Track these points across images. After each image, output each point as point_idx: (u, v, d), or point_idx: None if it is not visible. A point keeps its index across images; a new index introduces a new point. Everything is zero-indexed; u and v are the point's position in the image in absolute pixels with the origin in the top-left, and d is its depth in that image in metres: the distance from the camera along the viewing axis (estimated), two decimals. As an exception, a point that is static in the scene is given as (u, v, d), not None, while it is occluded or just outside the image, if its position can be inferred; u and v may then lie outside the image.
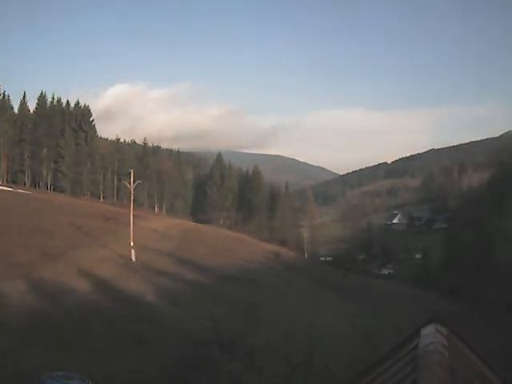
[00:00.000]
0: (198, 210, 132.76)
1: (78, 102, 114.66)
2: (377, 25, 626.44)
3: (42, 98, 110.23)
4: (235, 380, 12.74)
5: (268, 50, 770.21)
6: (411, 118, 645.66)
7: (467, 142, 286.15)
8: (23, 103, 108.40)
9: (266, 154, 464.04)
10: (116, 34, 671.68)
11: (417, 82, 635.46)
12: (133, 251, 45.14)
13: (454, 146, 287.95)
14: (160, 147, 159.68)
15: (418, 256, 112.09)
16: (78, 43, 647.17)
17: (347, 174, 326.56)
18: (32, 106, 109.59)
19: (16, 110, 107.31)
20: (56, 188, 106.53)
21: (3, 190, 75.92)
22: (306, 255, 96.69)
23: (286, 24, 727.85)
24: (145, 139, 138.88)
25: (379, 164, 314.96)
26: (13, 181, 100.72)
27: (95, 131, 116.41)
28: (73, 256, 41.07)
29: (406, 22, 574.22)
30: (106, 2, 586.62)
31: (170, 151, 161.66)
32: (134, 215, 51.56)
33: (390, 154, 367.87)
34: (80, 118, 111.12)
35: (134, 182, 53.90)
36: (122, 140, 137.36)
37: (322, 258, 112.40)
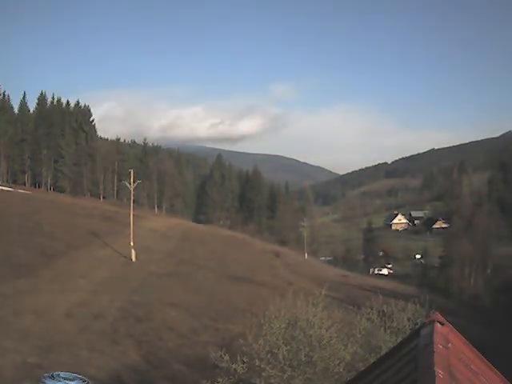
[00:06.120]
0: (198, 210, 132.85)
1: (78, 102, 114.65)
2: (379, 25, 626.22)
3: (41, 98, 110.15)
4: None
5: (267, 50, 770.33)
6: (411, 118, 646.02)
7: (467, 141, 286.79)
8: (23, 103, 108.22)
9: (266, 154, 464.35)
10: (121, 34, 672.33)
11: (417, 82, 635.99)
12: (133, 251, 45.13)
13: (454, 146, 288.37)
14: (160, 147, 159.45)
15: (417, 256, 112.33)
16: (78, 43, 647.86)
17: (347, 174, 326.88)
18: (32, 106, 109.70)
19: (16, 110, 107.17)
20: (56, 188, 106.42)
21: (3, 190, 75.73)
22: (306, 255, 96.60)
23: (285, 23, 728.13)
24: (145, 139, 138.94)
25: (379, 164, 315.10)
26: (13, 181, 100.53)
27: (95, 131, 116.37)
28: (73, 256, 41.03)
29: (405, 22, 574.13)
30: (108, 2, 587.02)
31: (170, 151, 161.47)
32: (134, 215, 51.50)
33: (390, 154, 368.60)
34: (80, 118, 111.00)
35: (134, 181, 53.85)
36: (121, 140, 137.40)
37: (322, 258, 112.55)
